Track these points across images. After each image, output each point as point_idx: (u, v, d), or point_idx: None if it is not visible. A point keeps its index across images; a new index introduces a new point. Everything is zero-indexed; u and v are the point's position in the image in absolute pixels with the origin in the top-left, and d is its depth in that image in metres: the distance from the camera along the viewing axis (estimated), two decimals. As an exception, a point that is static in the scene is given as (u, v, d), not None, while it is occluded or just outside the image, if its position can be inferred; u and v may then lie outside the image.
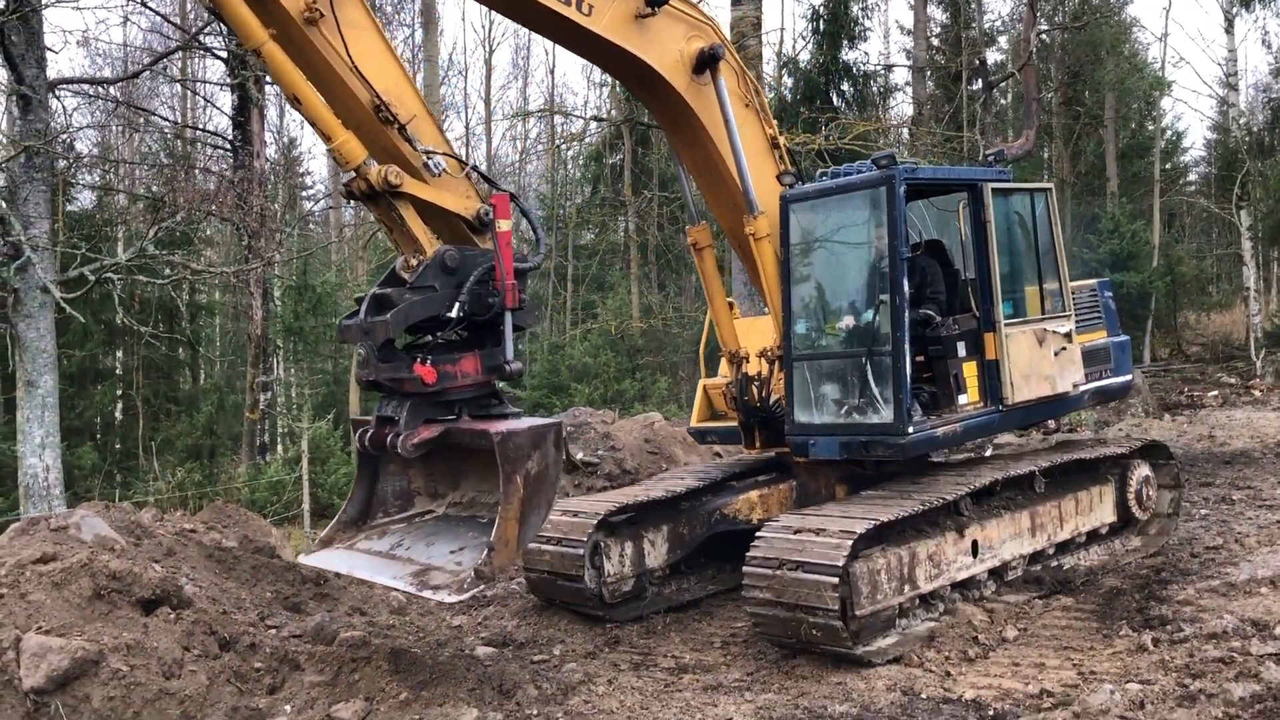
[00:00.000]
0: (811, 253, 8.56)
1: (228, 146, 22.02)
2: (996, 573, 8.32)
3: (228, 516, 11.04)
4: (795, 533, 7.21)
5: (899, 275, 7.83)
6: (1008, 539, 8.32)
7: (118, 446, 26.85)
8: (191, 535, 9.46)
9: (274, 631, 7.58)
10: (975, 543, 8.02)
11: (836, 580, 6.75)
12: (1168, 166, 40.08)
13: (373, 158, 6.31)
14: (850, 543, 6.86)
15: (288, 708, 6.26)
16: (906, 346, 7.80)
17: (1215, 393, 23.82)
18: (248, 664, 6.69)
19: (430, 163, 6.53)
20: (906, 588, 7.40)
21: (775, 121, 9.13)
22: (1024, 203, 9.01)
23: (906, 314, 7.86)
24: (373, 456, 7.00)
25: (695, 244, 9.37)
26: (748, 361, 9.10)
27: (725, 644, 8.06)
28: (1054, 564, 8.88)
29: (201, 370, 32.35)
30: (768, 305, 8.88)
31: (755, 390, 8.93)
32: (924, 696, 6.44)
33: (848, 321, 8.31)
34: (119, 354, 27.89)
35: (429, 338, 6.79)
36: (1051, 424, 17.01)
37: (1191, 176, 45.15)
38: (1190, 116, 79.81)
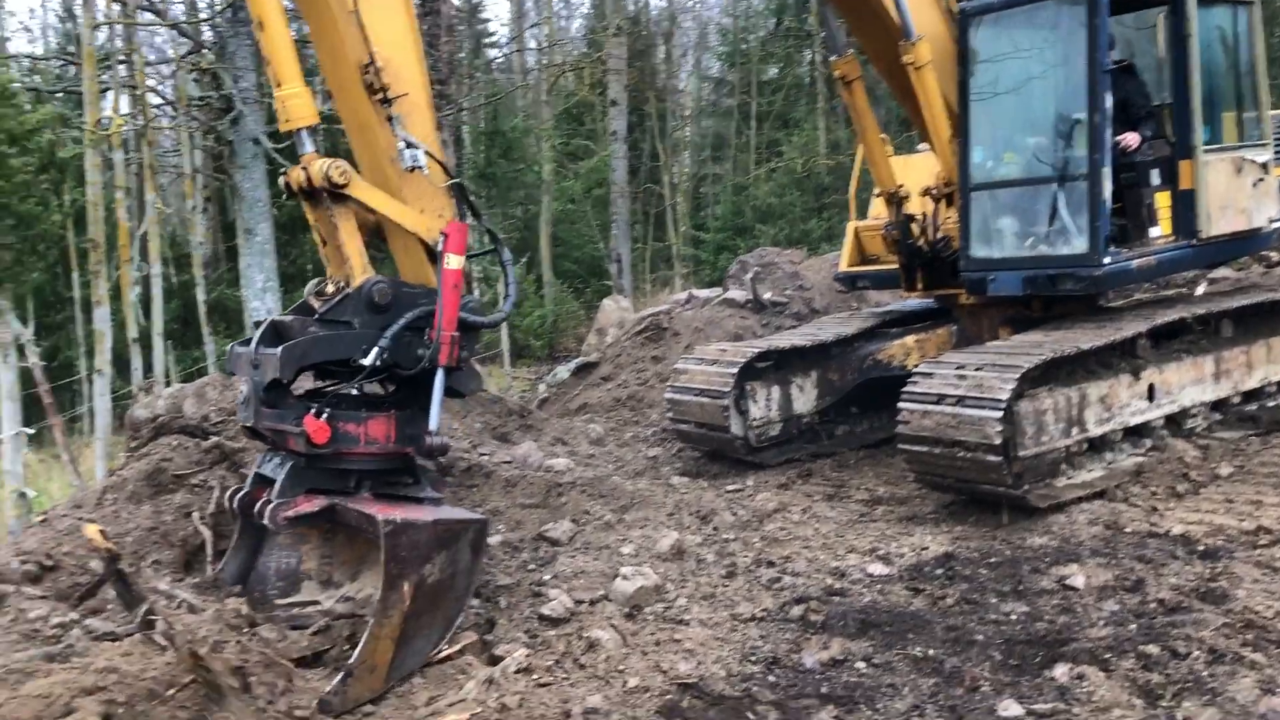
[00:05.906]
0: (995, 71, 7.86)
1: (416, -7, 22.25)
2: (1174, 419, 7.79)
3: (436, 353, 11.66)
4: (957, 368, 6.81)
5: (1101, 91, 7.24)
6: (1188, 384, 7.78)
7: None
8: (404, 370, 10.06)
9: (486, 459, 8.05)
10: (1152, 386, 7.50)
11: (1000, 415, 6.33)
12: None
13: (343, 151, 5.29)
14: (1016, 378, 6.44)
15: (501, 526, 6.69)
16: (1106, 169, 7.28)
17: None
18: (465, 486, 7.15)
19: (406, 152, 5.23)
20: (1075, 430, 6.97)
21: None
22: (1226, 17, 8.18)
23: (1108, 134, 7.32)
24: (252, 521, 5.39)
25: (844, 77, 8.72)
26: (908, 200, 8.65)
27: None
28: (1255, 406, 8.32)
29: (402, 217, 33.65)
30: (930, 140, 8.30)
31: (917, 230, 8.53)
32: (1128, 530, 6.29)
33: (1038, 145, 7.72)
34: (325, 203, 29.24)
35: (340, 385, 5.45)
36: (1275, 255, 15.84)
37: None
38: None
